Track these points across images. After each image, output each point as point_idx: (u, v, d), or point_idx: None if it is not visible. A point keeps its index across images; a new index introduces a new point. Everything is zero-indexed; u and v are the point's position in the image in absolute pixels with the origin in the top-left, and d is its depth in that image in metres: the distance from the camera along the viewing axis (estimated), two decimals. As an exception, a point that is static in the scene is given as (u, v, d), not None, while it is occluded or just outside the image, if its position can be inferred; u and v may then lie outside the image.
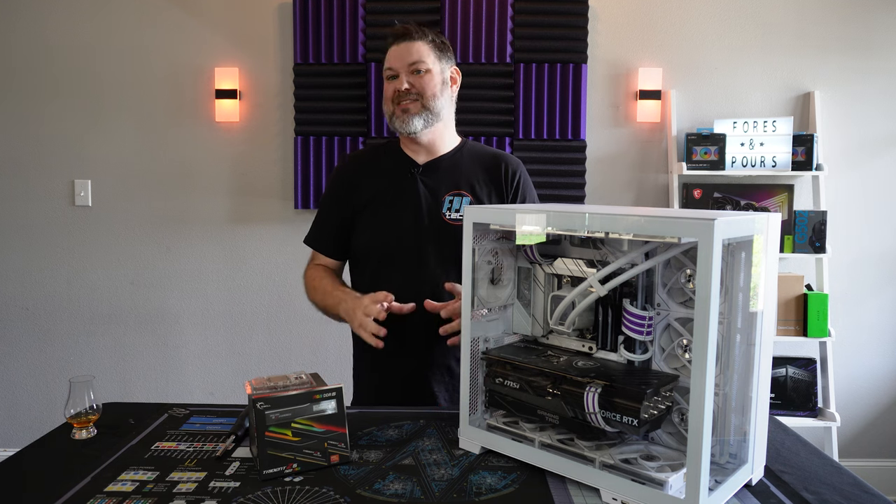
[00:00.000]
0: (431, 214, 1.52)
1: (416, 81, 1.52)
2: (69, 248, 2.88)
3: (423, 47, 1.53)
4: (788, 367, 2.63)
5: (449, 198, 1.54)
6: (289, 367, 2.82)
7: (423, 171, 1.56)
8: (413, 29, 1.54)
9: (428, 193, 1.54)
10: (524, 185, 1.61)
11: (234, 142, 2.83)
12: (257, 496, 0.96)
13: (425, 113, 1.52)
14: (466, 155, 1.60)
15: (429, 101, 1.52)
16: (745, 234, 0.92)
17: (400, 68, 1.52)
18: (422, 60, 1.52)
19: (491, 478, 1.02)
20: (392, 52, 1.54)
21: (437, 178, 1.55)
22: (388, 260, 1.54)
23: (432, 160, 1.58)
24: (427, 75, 1.53)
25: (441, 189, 1.54)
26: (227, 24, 2.79)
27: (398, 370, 1.53)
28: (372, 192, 1.56)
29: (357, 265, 1.63)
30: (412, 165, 1.57)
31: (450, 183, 1.55)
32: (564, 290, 1.11)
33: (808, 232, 2.58)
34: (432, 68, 1.53)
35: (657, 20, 2.72)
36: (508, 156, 1.63)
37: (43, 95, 2.83)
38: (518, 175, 1.60)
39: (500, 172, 1.58)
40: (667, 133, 2.73)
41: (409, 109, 1.51)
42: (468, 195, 1.54)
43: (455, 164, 1.58)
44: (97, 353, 2.90)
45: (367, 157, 1.67)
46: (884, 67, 2.69)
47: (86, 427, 1.19)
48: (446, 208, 1.53)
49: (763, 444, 1.01)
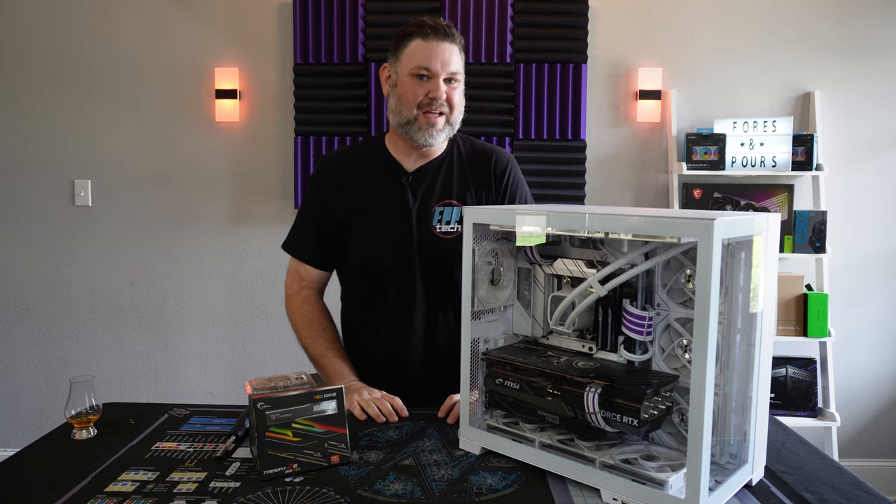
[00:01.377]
0: (421, 228, 1.45)
1: (449, 92, 1.39)
2: (69, 248, 2.88)
3: (457, 52, 1.40)
4: (788, 367, 2.63)
5: (439, 209, 1.46)
6: (289, 367, 2.81)
7: (413, 179, 1.47)
8: (451, 27, 1.40)
9: (418, 205, 1.46)
10: (515, 179, 1.53)
11: (234, 142, 2.83)
12: (257, 496, 0.96)
13: (448, 129, 1.42)
14: (456, 157, 1.51)
15: (455, 117, 1.42)
16: (745, 234, 0.92)
17: (438, 71, 1.37)
18: (459, 70, 1.40)
19: (491, 478, 1.02)
20: (426, 49, 1.37)
21: (427, 188, 1.47)
22: (381, 275, 1.47)
23: (421, 166, 1.48)
24: (460, 87, 1.42)
25: (431, 200, 1.46)
26: (227, 24, 2.79)
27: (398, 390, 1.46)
28: (360, 200, 1.47)
29: (347, 279, 1.56)
30: (401, 173, 1.47)
31: (439, 192, 1.47)
32: (564, 290, 1.11)
33: (808, 232, 2.58)
34: (462, 79, 1.42)
35: (657, 20, 2.72)
36: (499, 151, 1.55)
37: (43, 95, 2.83)
38: (508, 170, 1.52)
39: (490, 168, 1.51)
40: (667, 133, 2.73)
41: (436, 124, 1.39)
42: (458, 204, 1.47)
43: (444, 170, 1.49)
44: (97, 353, 2.90)
45: (352, 160, 1.52)
46: (884, 67, 2.69)
47: (86, 427, 1.19)
48: (436, 220, 1.45)
49: (763, 444, 1.01)
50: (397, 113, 1.42)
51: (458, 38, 1.41)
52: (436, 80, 1.37)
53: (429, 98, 1.38)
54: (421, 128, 1.39)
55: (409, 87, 1.39)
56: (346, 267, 1.54)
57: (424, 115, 1.39)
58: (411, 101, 1.39)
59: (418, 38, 1.38)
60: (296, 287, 1.56)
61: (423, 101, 1.38)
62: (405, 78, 1.40)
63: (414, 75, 1.38)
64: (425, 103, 1.38)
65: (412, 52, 1.38)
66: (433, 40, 1.37)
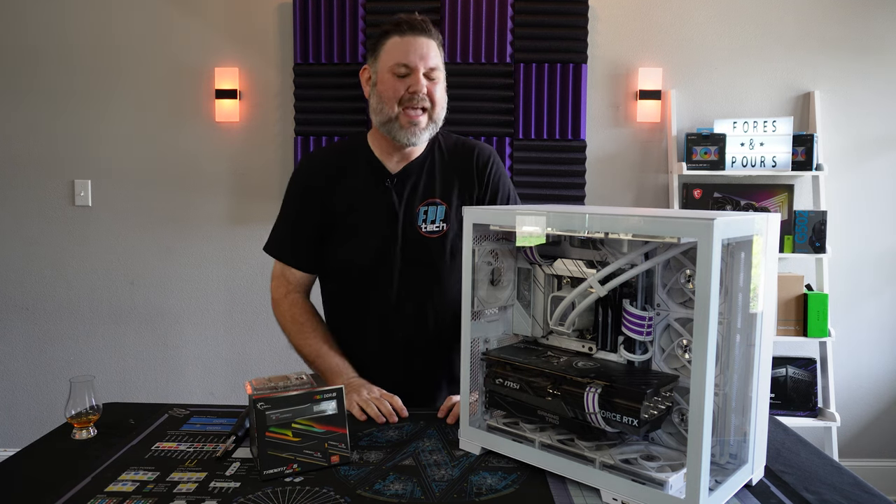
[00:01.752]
0: (407, 229, 1.44)
1: (430, 87, 1.37)
2: (69, 248, 2.88)
3: (436, 48, 1.39)
4: (788, 367, 2.63)
5: (423, 208, 1.45)
6: (289, 367, 2.80)
7: (397, 180, 1.45)
8: (427, 22, 1.38)
9: (402, 205, 1.44)
10: (497, 173, 1.51)
11: (234, 142, 2.83)
12: (257, 496, 0.96)
13: (431, 126, 1.40)
14: (438, 155, 1.50)
15: (437, 113, 1.40)
16: (745, 234, 0.92)
17: (417, 66, 1.35)
18: (438, 66, 1.38)
19: (491, 478, 1.02)
20: (403, 45, 1.35)
21: (411, 188, 1.45)
22: (366, 276, 1.46)
23: (405, 167, 1.46)
24: (441, 83, 1.40)
25: (415, 199, 1.45)
26: (227, 24, 2.79)
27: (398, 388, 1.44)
28: (345, 202, 1.45)
29: (330, 280, 1.54)
30: (385, 175, 1.45)
31: (423, 192, 1.46)
32: (564, 290, 1.11)
33: (808, 232, 2.58)
34: (442, 76, 1.40)
35: (657, 20, 2.72)
36: (480, 145, 1.53)
37: (43, 95, 2.83)
38: (490, 164, 1.50)
39: (472, 164, 1.49)
40: (667, 133, 2.73)
41: (419, 123, 1.37)
42: (442, 203, 1.46)
43: (427, 169, 1.48)
44: (97, 353, 2.90)
45: (336, 161, 1.50)
46: (884, 67, 2.69)
47: (86, 427, 1.19)
48: (421, 220, 1.44)
49: (763, 444, 1.01)
50: (379, 112, 1.40)
51: (436, 34, 1.39)
52: (415, 75, 1.35)
53: (409, 93, 1.36)
54: (403, 126, 1.37)
55: (388, 84, 1.37)
56: (330, 269, 1.52)
57: (405, 111, 1.36)
58: (392, 98, 1.36)
59: (395, 36, 1.37)
60: (283, 291, 1.54)
61: (404, 96, 1.36)
62: (385, 75, 1.38)
63: (393, 72, 1.36)
64: (406, 98, 1.36)
65: (390, 50, 1.37)
66: (410, 36, 1.35)
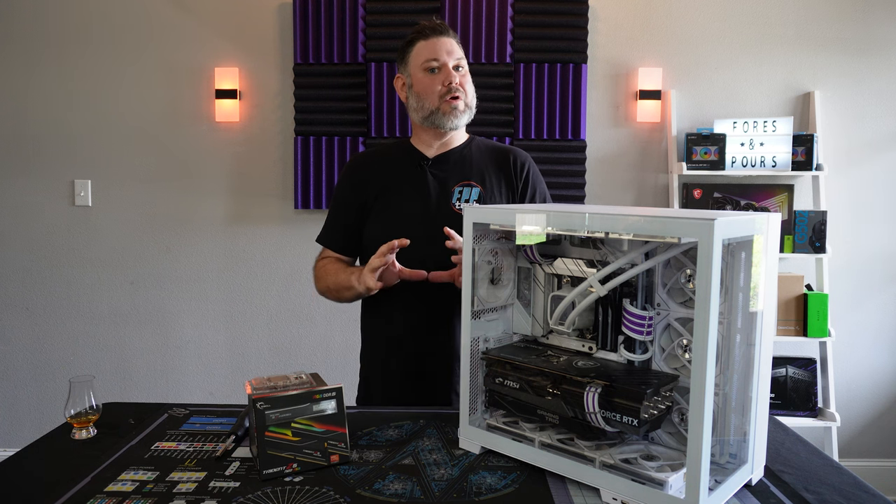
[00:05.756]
0: (441, 205, 1.52)
1: (461, 79, 1.52)
2: (69, 248, 2.88)
3: (458, 45, 1.55)
4: (788, 367, 2.63)
5: (458, 188, 1.54)
6: (289, 367, 2.81)
7: (433, 163, 1.56)
8: (445, 24, 1.55)
9: (437, 184, 1.54)
10: (534, 175, 1.61)
11: (234, 142, 2.83)
12: (257, 496, 0.96)
13: (469, 112, 1.54)
14: (475, 149, 1.61)
15: (470, 100, 1.55)
16: (745, 234, 0.92)
17: (446, 60, 1.51)
18: (463, 58, 1.54)
19: (491, 478, 1.02)
20: (430, 45, 1.51)
21: (447, 170, 1.56)
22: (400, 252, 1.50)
23: (442, 153, 1.58)
24: (468, 75, 1.55)
25: (450, 180, 1.54)
26: (227, 24, 2.79)
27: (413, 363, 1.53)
28: (381, 185, 1.56)
29: (366, 256, 1.60)
30: (421, 158, 1.57)
31: (459, 174, 1.55)
32: (564, 290, 1.11)
33: (808, 232, 2.58)
34: (467, 69, 1.55)
35: (657, 20, 2.73)
36: (516, 149, 1.64)
37: (43, 95, 2.83)
38: (527, 166, 1.60)
39: (510, 163, 1.59)
40: (667, 133, 2.73)
41: (458, 107, 1.51)
42: (478, 185, 1.54)
43: (464, 156, 1.58)
44: (97, 353, 2.90)
45: (377, 154, 1.66)
46: (884, 67, 2.69)
47: (86, 427, 1.19)
48: (455, 198, 1.53)
49: (763, 444, 1.01)
50: (420, 109, 1.54)
51: (454, 34, 1.56)
52: (446, 69, 1.51)
53: (445, 86, 1.50)
54: (445, 113, 1.51)
55: (425, 83, 1.52)
56: (365, 244, 1.59)
57: (447, 101, 1.50)
58: (431, 93, 1.51)
59: (421, 40, 1.53)
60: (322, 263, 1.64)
61: (441, 90, 1.50)
62: (419, 75, 1.53)
63: (426, 70, 1.51)
64: (444, 92, 1.50)
65: (419, 53, 1.53)
66: (434, 38, 1.52)
